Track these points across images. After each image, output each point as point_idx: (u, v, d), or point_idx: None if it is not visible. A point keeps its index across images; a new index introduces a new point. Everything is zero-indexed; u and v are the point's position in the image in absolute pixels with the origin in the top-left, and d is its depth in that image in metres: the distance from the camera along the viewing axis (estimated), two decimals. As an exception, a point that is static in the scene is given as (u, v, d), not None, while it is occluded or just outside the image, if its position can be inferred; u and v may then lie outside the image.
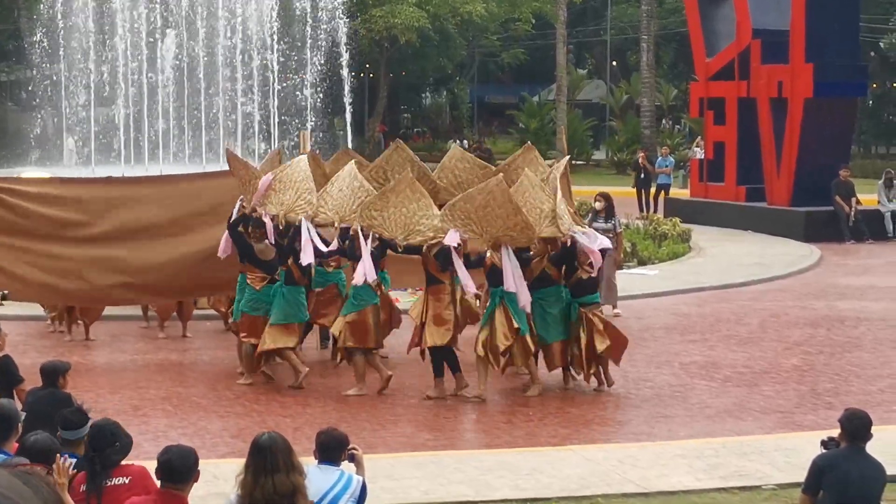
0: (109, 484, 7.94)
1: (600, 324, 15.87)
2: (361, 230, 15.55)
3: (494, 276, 15.31)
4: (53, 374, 11.14)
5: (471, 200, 15.21)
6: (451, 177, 17.38)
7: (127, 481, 7.92)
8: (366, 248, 15.41)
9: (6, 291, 12.75)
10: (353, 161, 17.08)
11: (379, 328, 16.10)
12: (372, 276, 15.46)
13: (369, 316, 15.75)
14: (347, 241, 15.70)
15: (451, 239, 15.09)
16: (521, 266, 15.41)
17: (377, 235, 15.57)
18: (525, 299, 15.20)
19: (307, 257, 15.76)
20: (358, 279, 15.43)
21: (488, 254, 15.41)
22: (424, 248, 15.55)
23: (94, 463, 8.02)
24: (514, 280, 15.07)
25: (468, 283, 15.20)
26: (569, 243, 15.46)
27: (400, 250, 15.95)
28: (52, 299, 19.06)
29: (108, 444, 8.02)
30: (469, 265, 15.46)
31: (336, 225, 15.84)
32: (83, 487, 8.00)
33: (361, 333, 15.66)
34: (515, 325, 15.20)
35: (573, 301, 15.86)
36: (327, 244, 15.86)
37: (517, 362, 15.68)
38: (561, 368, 16.14)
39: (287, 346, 16.16)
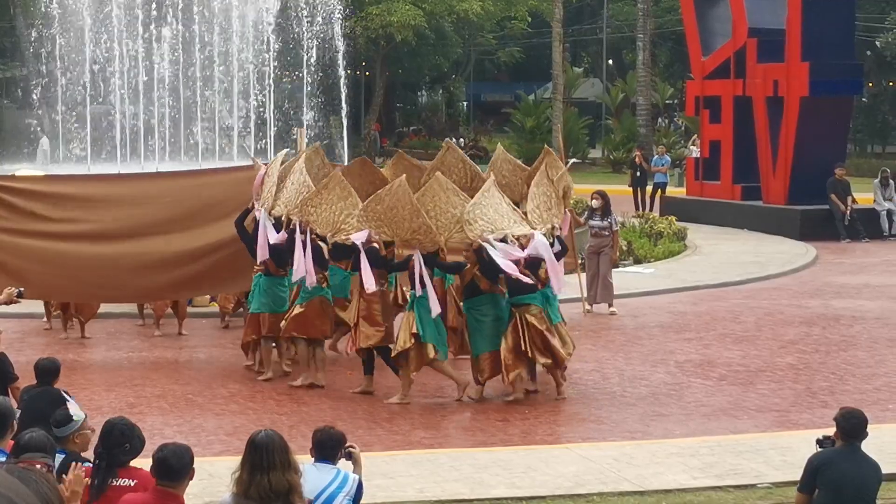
0: (115, 483, 7.93)
1: (543, 332, 15.17)
2: (300, 225, 15.85)
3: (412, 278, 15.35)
4: (47, 372, 11.15)
5: (380, 202, 15.28)
6: (500, 177, 17.41)
7: (132, 484, 7.91)
8: (300, 243, 15.68)
9: (22, 289, 12.76)
10: (320, 157, 17.97)
11: (328, 320, 16.27)
12: (302, 272, 15.71)
13: (316, 307, 16.04)
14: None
15: (358, 237, 15.25)
16: (454, 272, 15.66)
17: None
18: (434, 307, 15.02)
19: (262, 253, 16.32)
20: (297, 275, 15.89)
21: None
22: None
23: (100, 460, 8.02)
24: (422, 284, 15.01)
25: (369, 281, 15.20)
26: (485, 253, 14.93)
27: (329, 247, 16.16)
28: (56, 297, 19.06)
29: (118, 443, 8.00)
30: (447, 270, 15.64)
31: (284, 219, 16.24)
32: (86, 480, 8.02)
33: (304, 323, 15.98)
34: (414, 331, 15.09)
35: (508, 301, 15.37)
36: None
37: (411, 367, 15.32)
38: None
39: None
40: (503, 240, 14.86)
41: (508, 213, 15.34)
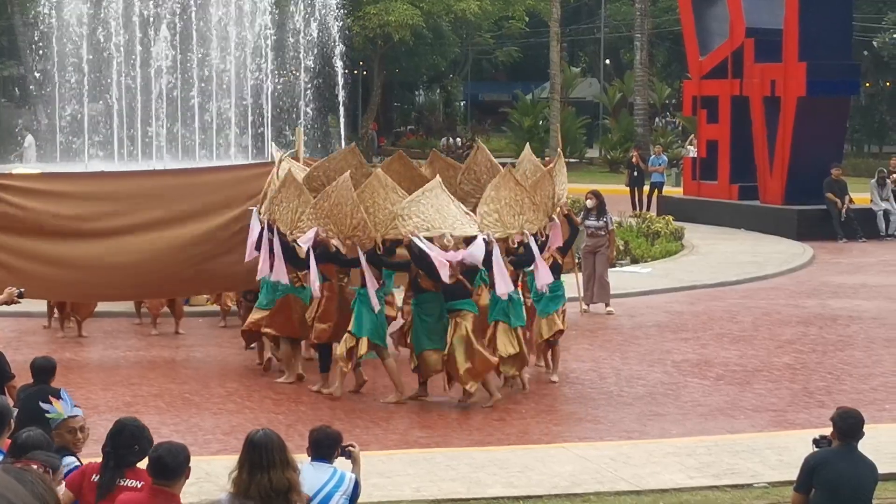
0: (122, 484, 7.92)
1: (469, 338, 14.93)
2: (267, 223, 16.10)
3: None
4: (43, 370, 11.15)
5: (328, 198, 15.39)
6: (522, 178, 17.43)
7: (139, 485, 7.90)
8: (276, 242, 15.80)
9: (23, 290, 12.76)
10: (357, 161, 17.76)
11: (300, 318, 16.35)
12: (270, 272, 15.87)
13: (289, 306, 16.25)
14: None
15: (304, 240, 15.43)
16: (399, 270, 15.79)
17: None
18: (374, 303, 15.11)
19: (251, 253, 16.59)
20: (261, 274, 16.12)
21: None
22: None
23: (108, 459, 8.03)
24: (367, 281, 15.12)
25: (314, 280, 15.38)
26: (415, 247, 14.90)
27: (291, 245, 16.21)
28: (56, 297, 19.06)
29: (126, 444, 7.98)
30: (391, 268, 15.65)
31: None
32: (95, 477, 8.03)
33: (283, 323, 16.19)
34: (350, 328, 15.24)
35: (444, 305, 15.21)
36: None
37: (341, 361, 15.41)
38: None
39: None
40: (432, 239, 14.74)
41: (456, 213, 15.14)
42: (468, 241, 14.94)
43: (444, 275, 14.49)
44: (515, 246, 15.49)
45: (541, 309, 16.44)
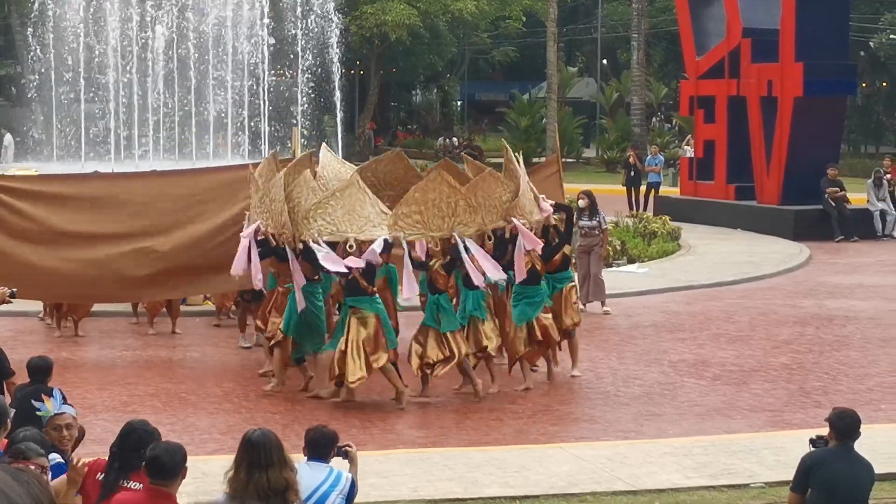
0: (125, 486, 7.92)
1: (368, 337, 15.01)
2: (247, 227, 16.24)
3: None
4: (39, 370, 11.14)
5: (269, 194, 15.56)
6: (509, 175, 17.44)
7: (141, 487, 7.90)
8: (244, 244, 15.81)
9: (14, 289, 12.75)
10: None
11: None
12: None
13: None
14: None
15: (246, 233, 15.71)
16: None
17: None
18: (299, 302, 15.24)
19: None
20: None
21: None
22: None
23: (114, 460, 8.03)
24: (297, 278, 15.22)
25: (257, 275, 15.59)
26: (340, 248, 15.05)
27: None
28: (49, 297, 19.05)
29: (134, 447, 7.96)
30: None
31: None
32: (100, 475, 8.03)
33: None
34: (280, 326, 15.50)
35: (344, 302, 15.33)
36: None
37: (279, 357, 15.67)
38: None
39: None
40: (336, 244, 14.80)
41: (369, 214, 15.02)
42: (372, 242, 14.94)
43: (336, 271, 14.77)
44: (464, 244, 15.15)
45: (517, 315, 15.93)
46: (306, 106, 45.83)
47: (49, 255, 17.44)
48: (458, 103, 79.75)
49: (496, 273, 15.20)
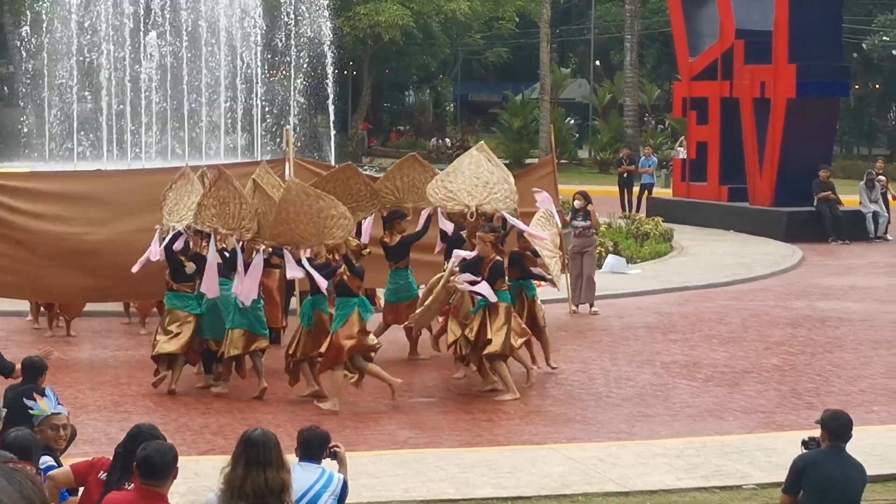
0: (126, 487, 7.92)
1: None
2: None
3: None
4: (34, 369, 11.13)
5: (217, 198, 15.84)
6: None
7: (133, 487, 7.90)
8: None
9: None
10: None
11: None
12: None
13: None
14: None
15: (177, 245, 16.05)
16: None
17: None
18: (246, 296, 15.38)
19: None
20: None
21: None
22: None
23: (118, 460, 8.02)
24: (242, 279, 15.36)
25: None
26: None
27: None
28: (42, 297, 19.01)
29: (137, 450, 7.98)
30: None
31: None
32: (102, 474, 8.03)
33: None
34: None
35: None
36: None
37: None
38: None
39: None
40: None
41: (311, 219, 15.18)
42: None
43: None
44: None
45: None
46: (301, 105, 45.81)
47: (37, 253, 17.41)
48: (451, 104, 79.72)
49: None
